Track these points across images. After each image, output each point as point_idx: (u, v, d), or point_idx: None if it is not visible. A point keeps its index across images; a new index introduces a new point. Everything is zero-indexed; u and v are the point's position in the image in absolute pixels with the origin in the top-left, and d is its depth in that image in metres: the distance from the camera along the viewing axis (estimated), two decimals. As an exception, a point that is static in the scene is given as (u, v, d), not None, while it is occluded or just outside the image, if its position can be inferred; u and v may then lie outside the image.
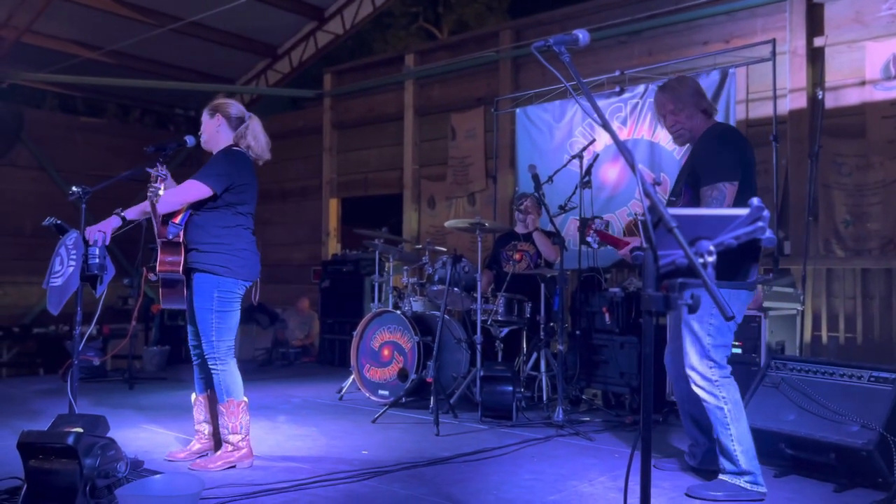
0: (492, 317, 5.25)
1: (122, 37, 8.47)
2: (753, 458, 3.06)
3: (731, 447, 3.04)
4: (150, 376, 6.96)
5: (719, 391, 3.09)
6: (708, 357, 3.10)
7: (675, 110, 3.32)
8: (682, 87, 3.34)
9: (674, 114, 3.33)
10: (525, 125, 6.99)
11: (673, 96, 3.32)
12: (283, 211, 9.56)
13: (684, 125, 3.33)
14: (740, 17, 6.03)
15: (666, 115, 3.36)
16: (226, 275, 3.50)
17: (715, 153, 3.15)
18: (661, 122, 3.44)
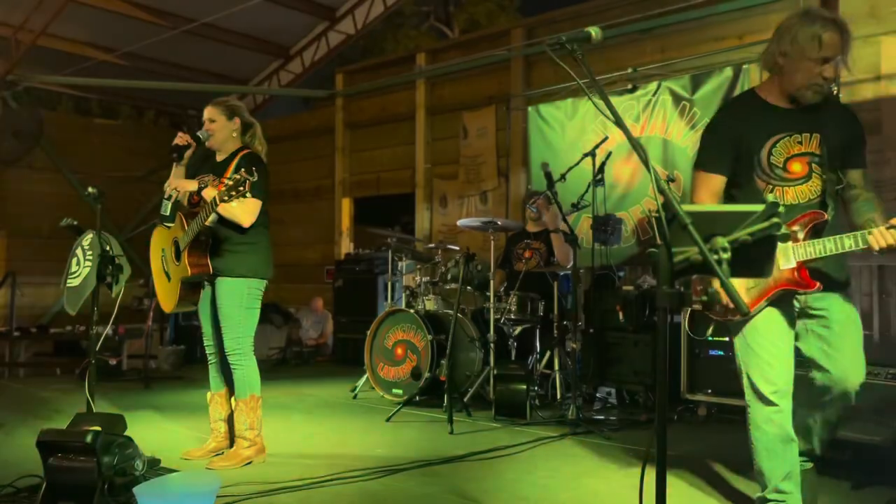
0: (505, 315, 5.25)
1: (135, 39, 8.53)
2: None
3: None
4: (165, 376, 7.01)
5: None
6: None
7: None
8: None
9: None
10: (537, 123, 6.98)
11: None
12: (296, 211, 9.60)
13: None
14: (754, 13, 5.97)
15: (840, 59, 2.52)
16: (256, 275, 3.57)
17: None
18: (840, 61, 2.52)
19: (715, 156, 2.64)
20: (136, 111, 11.74)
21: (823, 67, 2.47)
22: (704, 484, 3.28)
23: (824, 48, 2.40)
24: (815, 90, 2.50)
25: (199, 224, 3.39)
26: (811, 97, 2.51)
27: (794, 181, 2.56)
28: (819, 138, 2.53)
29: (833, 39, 2.43)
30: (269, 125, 10.00)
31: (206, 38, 8.89)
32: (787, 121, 2.56)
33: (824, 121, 2.55)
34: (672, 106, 6.03)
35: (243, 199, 3.33)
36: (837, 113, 2.62)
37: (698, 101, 5.88)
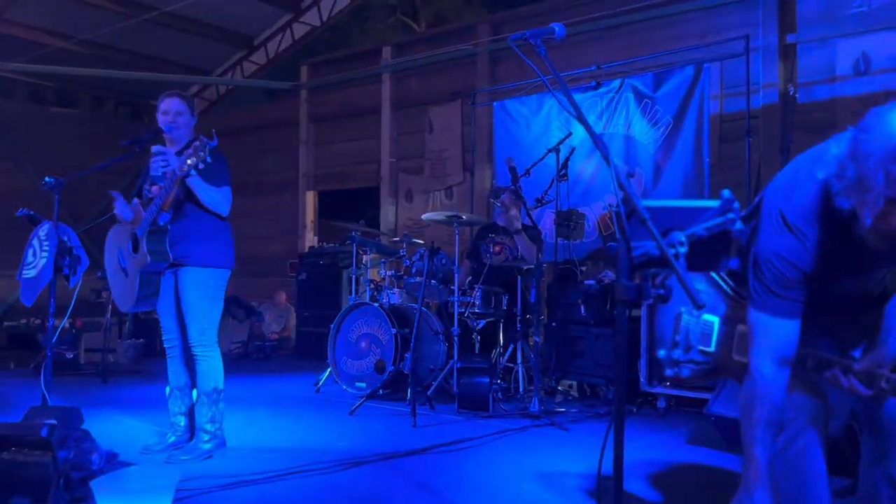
0: (469, 309, 5.28)
1: (95, 26, 8.36)
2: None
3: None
4: (124, 370, 6.90)
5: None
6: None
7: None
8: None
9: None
10: (502, 119, 7.02)
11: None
12: (259, 204, 9.49)
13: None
14: (715, 12, 6.10)
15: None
16: (221, 265, 3.56)
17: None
18: None
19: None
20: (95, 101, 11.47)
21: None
22: (661, 473, 3.35)
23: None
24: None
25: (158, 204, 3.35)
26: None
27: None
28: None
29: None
30: (231, 117, 9.98)
31: (168, 28, 8.74)
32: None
33: None
34: (635, 103, 6.11)
35: (216, 188, 3.40)
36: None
37: (660, 99, 5.96)
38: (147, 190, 3.56)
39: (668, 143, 5.90)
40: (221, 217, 3.55)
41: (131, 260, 3.50)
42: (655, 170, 5.98)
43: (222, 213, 3.51)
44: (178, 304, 3.56)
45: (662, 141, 5.94)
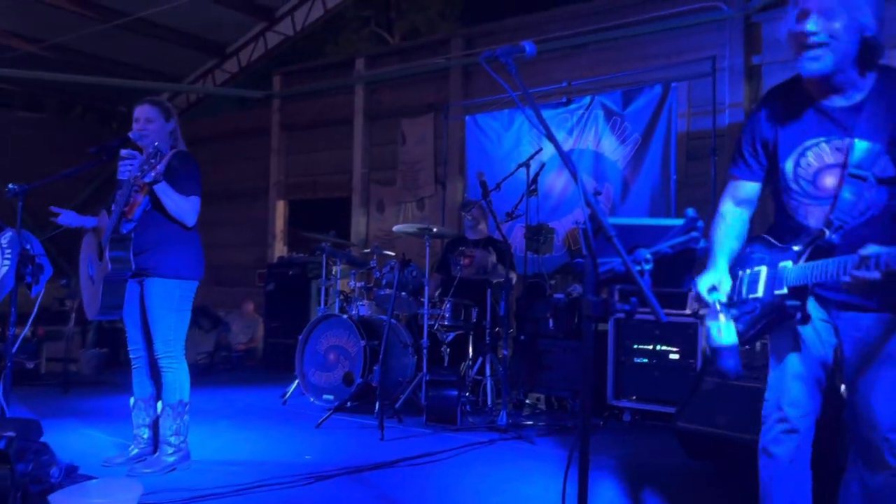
0: (438, 321, 5.29)
1: (64, 30, 8.24)
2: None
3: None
4: (86, 380, 6.77)
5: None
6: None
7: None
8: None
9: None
10: (474, 132, 7.06)
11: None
12: (228, 212, 9.42)
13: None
14: (683, 33, 6.22)
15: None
16: (188, 276, 3.51)
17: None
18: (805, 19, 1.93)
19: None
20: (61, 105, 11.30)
21: (801, 21, 1.93)
22: (626, 487, 3.38)
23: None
24: (805, 58, 1.95)
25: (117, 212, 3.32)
26: (808, 69, 1.95)
27: (822, 199, 2.07)
28: (848, 143, 1.98)
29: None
30: (202, 125, 9.90)
31: (139, 34, 8.65)
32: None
33: (865, 117, 1.96)
34: (604, 120, 6.20)
35: (182, 196, 3.36)
36: (888, 98, 1.95)
37: (629, 117, 6.06)
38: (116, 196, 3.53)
39: (637, 159, 6.00)
40: (187, 227, 3.51)
41: (98, 268, 3.45)
42: (624, 186, 6.06)
43: (187, 222, 3.46)
44: (144, 314, 3.52)
45: (631, 158, 6.04)
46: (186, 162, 3.52)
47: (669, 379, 4.71)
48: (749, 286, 2.17)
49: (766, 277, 2.11)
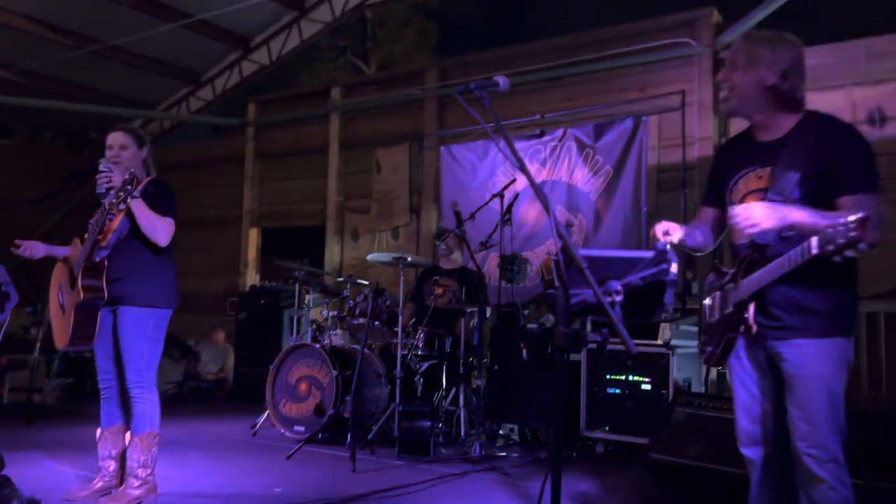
0: (412, 351, 5.27)
1: (35, 56, 8.18)
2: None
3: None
4: (50, 411, 6.61)
5: (846, 476, 2.21)
6: (841, 429, 2.20)
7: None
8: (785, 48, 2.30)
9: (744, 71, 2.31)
10: (449, 162, 7.12)
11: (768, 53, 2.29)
12: (200, 240, 9.33)
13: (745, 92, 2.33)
14: (654, 68, 6.36)
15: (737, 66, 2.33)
16: (161, 305, 3.46)
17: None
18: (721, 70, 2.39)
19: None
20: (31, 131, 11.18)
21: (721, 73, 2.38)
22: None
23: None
24: (721, 100, 2.41)
25: (93, 234, 3.27)
26: (721, 109, 2.44)
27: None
28: (771, 172, 2.27)
29: (732, 49, 2.40)
30: (176, 151, 9.84)
31: (112, 60, 8.63)
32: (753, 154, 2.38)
33: (786, 150, 2.26)
34: (577, 152, 6.29)
35: (161, 217, 3.33)
36: (807, 136, 2.26)
37: (600, 149, 6.16)
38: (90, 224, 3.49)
39: (609, 191, 6.08)
40: (160, 251, 3.46)
41: (69, 296, 3.39)
42: (596, 217, 6.14)
43: (160, 241, 3.39)
44: (116, 343, 3.45)
45: (603, 189, 6.12)
46: (161, 187, 3.50)
47: (642, 410, 4.73)
48: (709, 312, 2.44)
49: (718, 301, 2.39)
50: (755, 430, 2.37)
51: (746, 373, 2.39)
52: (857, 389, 5.28)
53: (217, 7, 7.72)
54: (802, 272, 2.07)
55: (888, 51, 5.42)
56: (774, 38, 2.30)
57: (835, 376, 2.19)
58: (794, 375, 2.21)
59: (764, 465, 2.37)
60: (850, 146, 2.22)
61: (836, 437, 2.17)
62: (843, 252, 1.85)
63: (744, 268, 2.25)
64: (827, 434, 2.16)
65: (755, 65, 2.26)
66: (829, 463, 2.14)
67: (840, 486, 2.15)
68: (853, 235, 1.81)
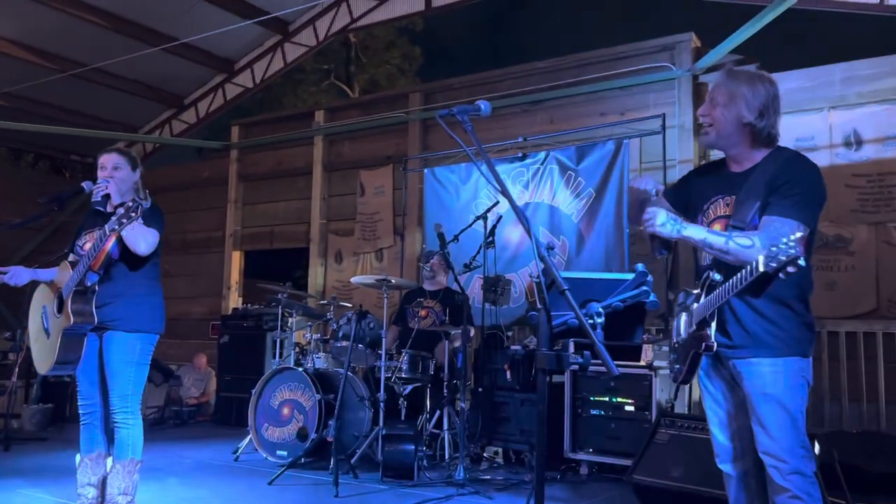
0: (396, 374, 5.24)
1: (18, 79, 8.15)
2: None
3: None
4: (28, 436, 6.50)
5: (815, 490, 2.28)
6: (804, 444, 2.29)
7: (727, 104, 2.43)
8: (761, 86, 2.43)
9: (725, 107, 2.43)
10: (433, 185, 7.15)
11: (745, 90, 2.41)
12: (183, 263, 9.27)
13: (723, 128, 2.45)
14: (634, 91, 6.45)
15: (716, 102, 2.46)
16: (149, 330, 3.43)
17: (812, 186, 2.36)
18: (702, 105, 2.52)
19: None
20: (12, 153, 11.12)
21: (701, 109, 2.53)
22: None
23: (706, 94, 2.53)
24: (700, 134, 2.55)
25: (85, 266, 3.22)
26: (699, 142, 2.59)
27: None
28: (734, 200, 2.42)
29: (713, 85, 2.52)
30: (159, 174, 9.81)
31: (95, 83, 8.61)
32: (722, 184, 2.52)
33: (749, 181, 2.39)
34: (559, 175, 6.34)
35: (146, 228, 3.28)
36: (768, 168, 2.39)
37: (582, 171, 6.22)
38: (79, 247, 3.45)
39: (591, 213, 6.13)
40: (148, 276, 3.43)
41: (55, 321, 3.35)
42: (579, 239, 6.17)
43: (138, 248, 3.28)
44: (102, 368, 3.41)
45: (585, 211, 6.17)
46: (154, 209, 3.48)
47: (625, 431, 4.74)
48: (676, 331, 2.52)
49: (684, 320, 2.48)
50: (730, 445, 2.46)
51: (717, 389, 2.48)
52: (838, 409, 5.33)
53: (201, 30, 7.74)
54: (757, 293, 2.24)
55: (865, 75, 5.53)
56: (753, 76, 2.43)
57: (791, 395, 2.28)
58: (752, 393, 2.31)
59: (741, 480, 2.45)
60: (799, 178, 2.32)
61: (798, 451, 2.25)
62: (785, 269, 1.95)
63: (706, 287, 2.36)
64: (788, 448, 2.25)
65: (734, 102, 2.39)
66: (792, 475, 2.23)
67: (806, 497, 2.22)
68: (792, 253, 1.92)
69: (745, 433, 2.41)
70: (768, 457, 2.27)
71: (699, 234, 2.31)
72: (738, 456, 2.45)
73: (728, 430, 2.46)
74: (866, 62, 5.57)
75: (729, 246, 2.24)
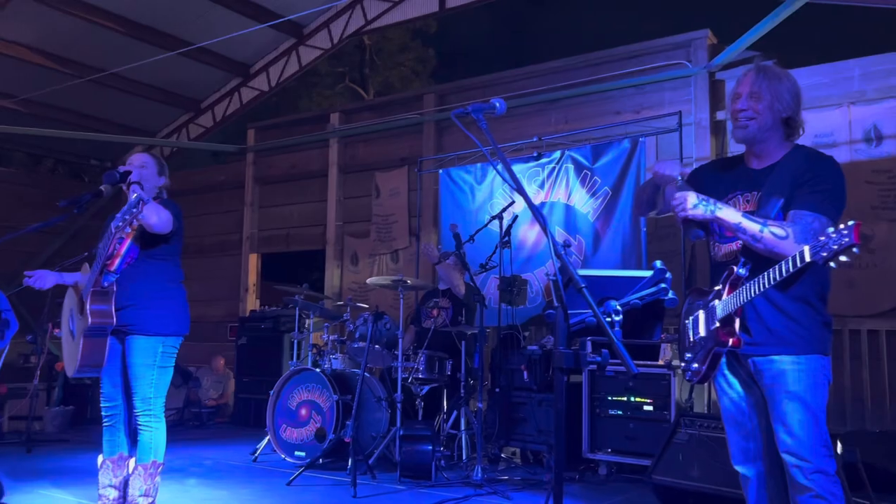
0: (413, 374, 5.24)
1: (36, 85, 8.24)
2: None
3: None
4: (50, 438, 6.57)
5: (838, 489, 2.25)
6: (826, 443, 2.25)
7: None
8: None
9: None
10: (448, 186, 7.14)
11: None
12: (200, 266, 9.32)
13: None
14: (649, 89, 6.41)
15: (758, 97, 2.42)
16: (170, 332, 3.43)
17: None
18: (738, 100, 2.45)
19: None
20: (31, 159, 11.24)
21: (735, 102, 2.47)
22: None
23: (736, 85, 2.48)
24: (735, 127, 2.47)
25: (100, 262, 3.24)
26: (736, 136, 2.48)
27: (728, 238, 2.44)
28: (758, 196, 2.40)
29: (744, 76, 2.48)
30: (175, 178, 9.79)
31: (112, 88, 8.69)
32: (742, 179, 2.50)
33: (772, 177, 2.40)
34: (575, 174, 6.32)
35: (154, 204, 3.23)
36: (791, 164, 2.39)
37: (598, 170, 6.19)
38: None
39: (607, 212, 6.10)
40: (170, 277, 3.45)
41: (78, 322, 3.38)
42: (595, 238, 6.15)
43: (150, 220, 3.19)
44: (125, 370, 3.43)
45: (601, 210, 6.14)
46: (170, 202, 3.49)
47: (644, 431, 4.70)
48: (693, 330, 2.47)
49: (704, 318, 2.42)
50: (748, 445, 2.42)
51: (733, 389, 2.45)
52: (860, 408, 5.26)
53: (216, 35, 7.80)
54: (780, 291, 2.23)
55: (884, 70, 5.47)
56: (783, 73, 2.45)
57: (813, 393, 2.26)
58: (773, 392, 2.29)
59: (759, 481, 2.42)
60: (826, 174, 2.33)
61: (821, 450, 2.22)
62: (838, 258, 1.92)
63: (728, 284, 2.32)
64: (810, 447, 2.22)
65: (778, 97, 2.40)
66: (815, 474, 2.20)
67: (829, 497, 2.19)
68: (847, 241, 1.89)
69: (761, 433, 2.38)
70: (790, 456, 2.24)
71: (734, 217, 2.28)
72: (754, 456, 2.42)
73: (743, 431, 2.44)
74: (885, 57, 5.50)
75: (763, 234, 2.22)
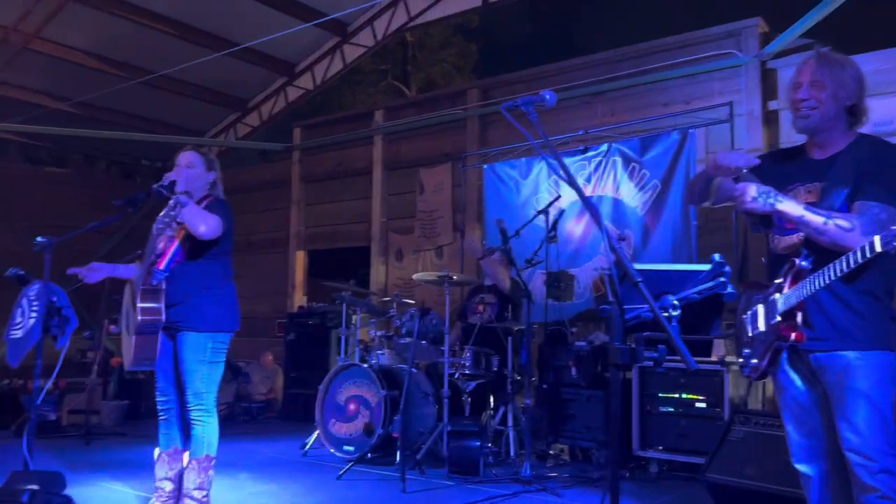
0: (459, 370, 5.24)
1: (90, 88, 8.47)
2: None
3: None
4: (107, 431, 6.76)
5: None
6: (893, 442, 2.18)
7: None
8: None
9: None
10: (492, 181, 7.11)
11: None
12: (248, 263, 9.47)
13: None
14: (699, 80, 6.27)
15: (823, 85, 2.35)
16: (220, 328, 3.49)
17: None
18: (799, 89, 2.39)
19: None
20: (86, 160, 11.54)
21: (796, 91, 2.40)
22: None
23: (796, 74, 2.41)
24: (797, 117, 2.40)
25: (149, 259, 3.31)
26: (798, 126, 2.42)
27: (788, 230, 2.38)
28: (821, 187, 2.34)
29: (804, 64, 2.42)
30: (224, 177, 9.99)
31: (162, 90, 8.89)
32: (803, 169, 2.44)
33: (836, 167, 2.34)
34: (622, 167, 6.22)
35: (200, 210, 3.31)
36: (855, 154, 2.33)
37: (647, 163, 6.08)
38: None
39: (656, 206, 5.99)
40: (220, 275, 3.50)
41: (132, 318, 3.47)
42: (644, 232, 6.05)
43: (197, 229, 3.28)
44: (177, 366, 3.51)
45: (650, 204, 6.03)
46: (220, 202, 3.54)
47: (696, 428, 4.62)
48: (752, 325, 2.42)
49: (763, 312, 2.36)
50: (809, 443, 2.37)
51: (793, 385, 2.39)
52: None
53: (262, 35, 7.90)
54: (845, 284, 2.17)
55: (946, 55, 5.26)
56: (845, 59, 2.40)
57: (880, 391, 2.19)
58: (837, 388, 2.22)
59: (821, 481, 2.35)
60: (888, 162, 2.28)
61: (887, 449, 2.15)
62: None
63: (790, 277, 2.27)
64: (876, 446, 2.15)
65: (842, 85, 2.35)
66: (881, 474, 2.14)
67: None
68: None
69: (823, 431, 2.32)
70: (854, 454, 2.18)
71: (796, 210, 2.23)
72: (815, 455, 2.36)
73: (805, 428, 2.38)
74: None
75: (828, 226, 2.17)
